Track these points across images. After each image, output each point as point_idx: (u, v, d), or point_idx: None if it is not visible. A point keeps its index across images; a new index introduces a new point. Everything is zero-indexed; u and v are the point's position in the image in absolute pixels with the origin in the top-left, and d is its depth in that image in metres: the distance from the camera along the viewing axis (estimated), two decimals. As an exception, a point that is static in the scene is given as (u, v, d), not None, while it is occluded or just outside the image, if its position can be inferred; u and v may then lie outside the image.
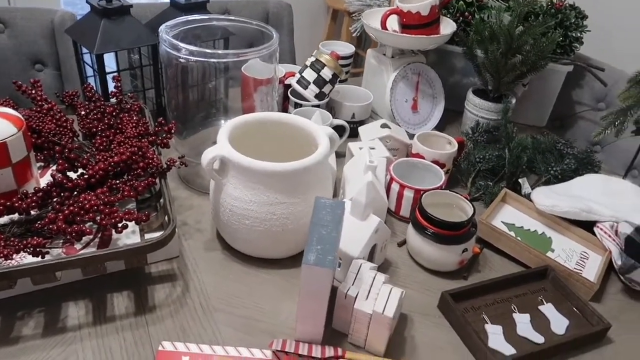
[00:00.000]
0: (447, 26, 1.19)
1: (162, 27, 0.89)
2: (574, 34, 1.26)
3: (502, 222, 0.95)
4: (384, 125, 1.11)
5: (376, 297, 0.68)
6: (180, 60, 0.85)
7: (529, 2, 1.10)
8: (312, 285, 0.61)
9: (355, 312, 0.67)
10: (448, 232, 0.80)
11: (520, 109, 1.35)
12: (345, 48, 1.31)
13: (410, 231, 0.85)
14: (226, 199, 0.76)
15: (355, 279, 0.70)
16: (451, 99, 1.27)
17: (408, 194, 0.92)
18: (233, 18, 0.99)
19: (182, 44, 0.83)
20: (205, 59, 0.84)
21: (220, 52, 0.86)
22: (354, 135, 1.14)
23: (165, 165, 0.82)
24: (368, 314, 0.66)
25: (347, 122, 1.17)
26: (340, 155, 1.11)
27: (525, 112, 1.36)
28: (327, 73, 1.08)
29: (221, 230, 0.83)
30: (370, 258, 0.81)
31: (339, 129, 1.11)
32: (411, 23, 1.09)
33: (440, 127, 1.28)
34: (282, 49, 1.55)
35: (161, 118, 0.87)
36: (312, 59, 1.09)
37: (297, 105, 1.10)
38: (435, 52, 1.29)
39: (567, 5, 1.27)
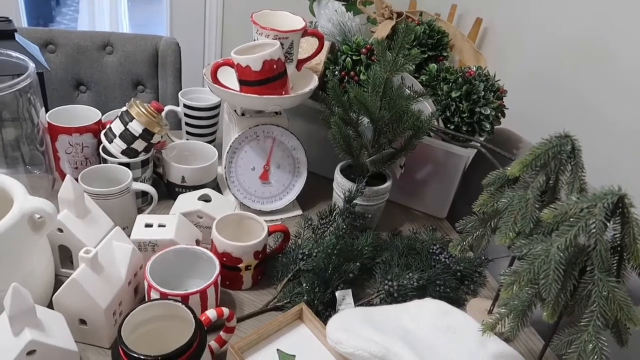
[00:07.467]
0: (310, 84, 0.98)
1: None
2: (482, 110, 1.01)
3: (278, 350, 0.71)
4: (203, 197, 0.91)
5: None
6: None
7: (391, 66, 0.86)
8: None
9: None
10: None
11: (422, 194, 1.10)
12: (211, 97, 1.12)
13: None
14: None
15: None
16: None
17: (155, 297, 0.70)
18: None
19: None
20: None
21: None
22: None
23: None
24: None
25: (177, 186, 0.98)
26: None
27: (424, 199, 1.10)
28: (135, 127, 0.89)
29: None
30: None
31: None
32: (245, 79, 0.89)
33: (310, 203, 1.06)
34: (165, 92, 1.39)
35: None
36: (124, 108, 0.91)
37: (104, 161, 0.92)
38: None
39: (481, 74, 1.03)
